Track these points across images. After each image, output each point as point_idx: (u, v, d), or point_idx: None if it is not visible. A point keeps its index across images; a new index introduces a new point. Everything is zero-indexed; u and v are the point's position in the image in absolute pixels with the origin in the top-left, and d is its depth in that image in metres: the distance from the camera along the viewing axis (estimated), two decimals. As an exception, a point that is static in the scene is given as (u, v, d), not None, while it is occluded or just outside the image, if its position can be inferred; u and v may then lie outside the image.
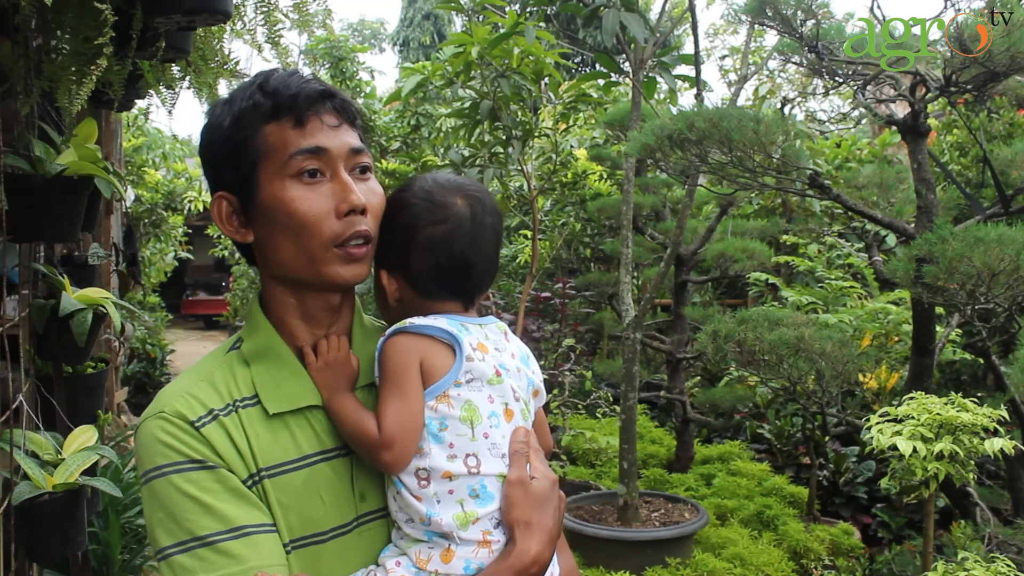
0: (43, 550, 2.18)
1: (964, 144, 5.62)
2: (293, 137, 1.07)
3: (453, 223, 1.12)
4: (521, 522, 1.04)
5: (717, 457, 5.24)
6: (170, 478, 1.01)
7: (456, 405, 1.07)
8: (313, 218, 1.06)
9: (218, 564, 0.98)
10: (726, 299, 7.50)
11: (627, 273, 4.01)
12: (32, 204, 2.13)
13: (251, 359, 1.11)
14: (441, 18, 22.94)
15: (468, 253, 1.13)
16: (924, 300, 2.96)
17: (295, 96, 1.07)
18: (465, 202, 1.14)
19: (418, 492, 1.05)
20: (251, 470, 1.04)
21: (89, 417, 2.61)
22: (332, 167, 1.09)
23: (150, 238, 7.66)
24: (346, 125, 1.12)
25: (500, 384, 1.11)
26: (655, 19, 4.02)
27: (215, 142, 1.12)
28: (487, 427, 1.07)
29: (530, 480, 1.07)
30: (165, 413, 1.05)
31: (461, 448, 1.06)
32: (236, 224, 1.12)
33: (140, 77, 2.60)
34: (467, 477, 1.05)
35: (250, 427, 1.06)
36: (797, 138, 3.24)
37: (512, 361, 1.15)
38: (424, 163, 6.04)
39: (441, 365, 1.08)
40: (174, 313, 12.44)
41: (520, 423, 1.12)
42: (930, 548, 2.93)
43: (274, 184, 1.07)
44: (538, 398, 1.20)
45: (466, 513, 1.04)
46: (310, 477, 1.07)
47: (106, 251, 3.42)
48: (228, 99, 1.13)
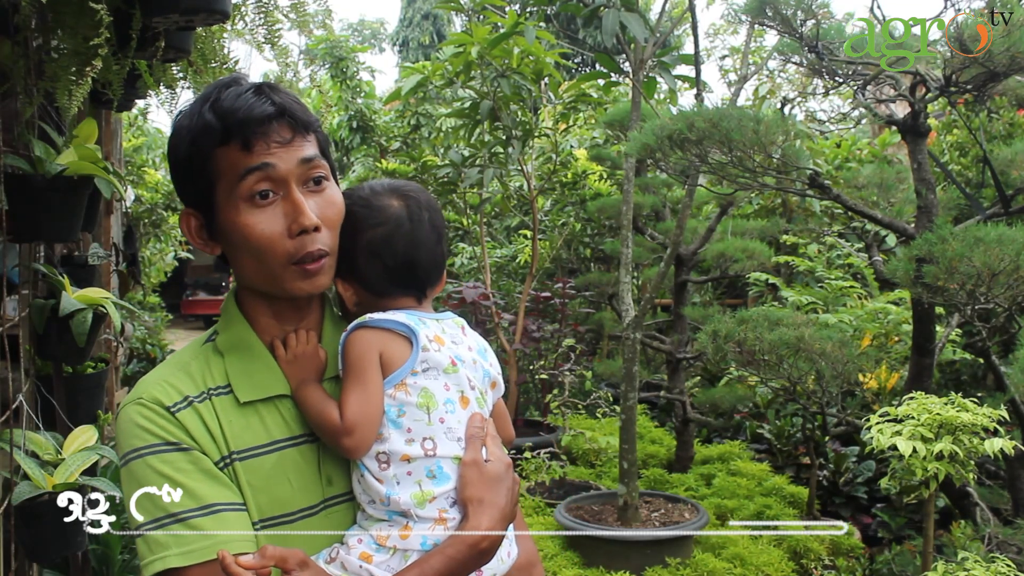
0: (43, 550, 2.18)
1: (964, 144, 5.61)
2: (242, 160, 1.10)
3: (392, 224, 1.20)
4: (474, 500, 1.11)
5: (717, 457, 5.24)
6: (147, 459, 1.08)
7: (413, 392, 1.14)
8: (267, 240, 1.11)
9: (189, 539, 1.04)
10: (726, 299, 7.50)
11: (627, 273, 4.01)
12: (32, 204, 2.13)
13: (225, 351, 1.18)
14: (441, 18, 22.93)
15: (410, 250, 1.20)
16: (924, 300, 2.96)
17: (243, 121, 1.09)
18: (401, 202, 1.22)
19: (379, 475, 1.12)
20: (223, 453, 1.11)
21: (89, 417, 2.61)
22: (283, 185, 1.11)
23: (150, 238, 7.66)
24: (299, 138, 1.13)
25: (456, 373, 1.18)
26: (655, 19, 4.02)
27: (176, 160, 1.16)
28: (443, 412, 1.15)
29: (484, 462, 1.14)
30: (143, 399, 1.12)
31: (418, 432, 1.13)
32: (204, 238, 1.18)
33: (140, 77, 2.60)
34: (424, 459, 1.12)
35: (223, 413, 1.13)
36: (797, 138, 3.24)
37: (468, 353, 1.22)
38: (424, 163, 6.04)
39: (399, 356, 1.15)
40: (174, 313, 12.43)
41: (476, 410, 1.19)
42: (930, 548, 2.93)
43: (228, 207, 1.12)
44: (496, 389, 1.27)
45: (423, 492, 1.11)
46: (279, 461, 1.13)
47: (106, 251, 3.42)
48: (186, 114, 1.14)
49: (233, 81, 1.15)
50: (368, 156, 7.62)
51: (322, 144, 1.18)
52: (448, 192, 5.76)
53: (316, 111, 3.19)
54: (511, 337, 5.57)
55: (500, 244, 8.44)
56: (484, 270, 5.93)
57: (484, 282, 5.73)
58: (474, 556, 1.09)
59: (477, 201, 5.59)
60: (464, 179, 5.24)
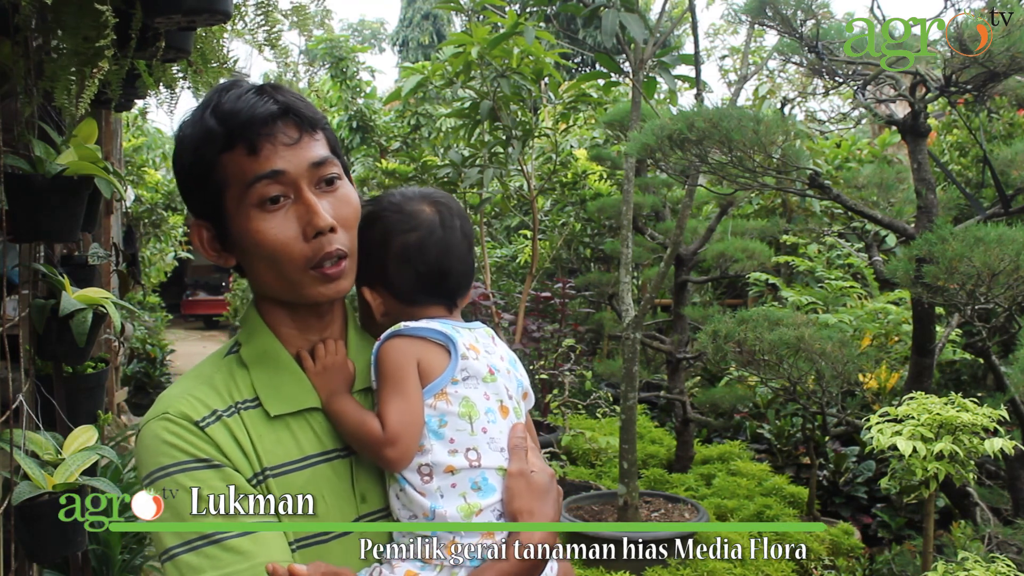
0: (43, 550, 2.18)
1: (964, 144, 5.61)
2: (249, 165, 1.05)
3: (424, 229, 1.17)
4: (524, 512, 1.07)
5: (717, 457, 5.24)
6: (175, 477, 1.02)
7: (454, 401, 1.10)
8: (282, 245, 1.06)
9: (226, 561, 0.98)
10: (726, 299, 7.50)
11: (627, 273, 4.01)
12: (32, 204, 2.13)
13: (250, 363, 1.13)
14: (441, 18, 22.93)
15: (443, 257, 1.17)
16: (924, 300, 2.96)
17: (247, 122, 1.04)
18: (433, 209, 1.19)
19: (422, 488, 1.08)
20: (255, 469, 1.06)
21: (89, 417, 2.61)
22: (295, 188, 1.07)
23: (150, 238, 7.66)
24: (306, 137, 1.08)
25: (494, 382, 1.15)
26: (655, 19, 4.02)
27: (182, 171, 1.11)
28: (485, 422, 1.11)
29: (530, 473, 1.10)
30: (169, 414, 1.05)
31: (461, 443, 1.10)
32: (217, 250, 1.14)
33: (139, 77, 2.60)
34: (469, 470, 1.09)
35: (252, 428, 1.08)
36: (797, 138, 3.24)
37: (502, 363, 1.19)
38: (424, 163, 6.04)
39: (438, 364, 1.12)
40: (174, 313, 12.42)
41: (515, 421, 1.16)
42: (930, 548, 2.93)
43: (239, 215, 1.07)
44: (528, 400, 1.23)
45: (469, 505, 1.08)
46: (312, 477, 1.08)
47: (106, 251, 3.42)
48: (188, 122, 1.10)
49: (234, 84, 1.10)
50: (368, 156, 7.62)
51: (331, 142, 1.13)
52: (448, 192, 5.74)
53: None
54: (511, 337, 5.57)
55: (500, 244, 8.44)
56: (484, 270, 5.93)
57: (484, 282, 5.73)
58: (527, 570, 1.05)
59: (477, 201, 5.59)
60: (464, 179, 5.24)
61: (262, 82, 1.12)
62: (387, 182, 6.31)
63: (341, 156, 1.15)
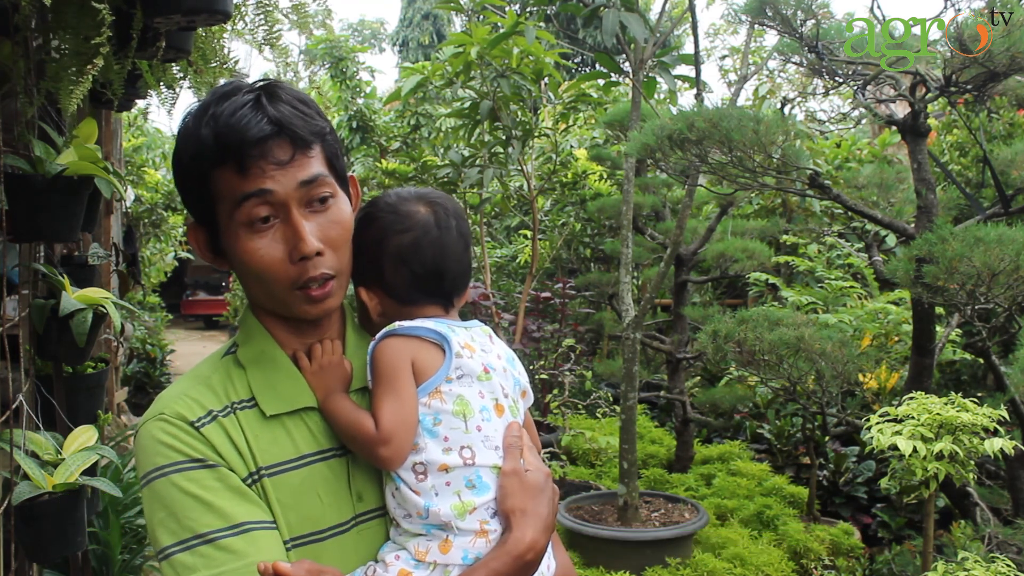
0: (43, 550, 2.18)
1: (964, 144, 5.61)
2: (238, 184, 1.04)
3: (420, 229, 1.17)
4: (517, 510, 1.07)
5: (717, 457, 5.24)
6: (171, 477, 1.03)
7: (448, 400, 1.11)
8: (268, 266, 1.07)
9: (220, 560, 0.99)
10: (726, 299, 7.50)
11: (627, 273, 4.01)
12: (32, 204, 2.13)
13: (247, 363, 1.14)
14: (440, 18, 22.93)
15: (438, 257, 1.17)
16: (924, 300, 2.96)
17: (239, 142, 1.03)
18: (428, 209, 1.19)
19: (416, 486, 1.09)
20: (250, 469, 1.06)
21: (89, 417, 2.61)
22: (283, 209, 1.06)
23: (150, 238, 7.66)
24: (300, 156, 1.06)
25: (489, 381, 1.15)
26: (655, 19, 4.02)
27: (179, 175, 1.11)
28: (479, 420, 1.11)
29: (524, 471, 1.11)
30: (165, 415, 1.07)
31: (455, 441, 1.10)
32: (212, 254, 1.15)
33: (140, 77, 2.60)
34: (463, 468, 1.09)
35: (248, 428, 1.08)
36: (797, 138, 3.24)
37: (498, 362, 1.19)
38: (424, 163, 6.04)
39: (432, 363, 1.12)
40: (174, 313, 12.43)
41: (510, 419, 1.16)
42: (930, 548, 2.93)
43: (229, 231, 1.08)
44: (526, 398, 1.24)
45: (463, 503, 1.07)
46: (308, 476, 1.09)
47: (106, 251, 3.42)
48: (188, 122, 1.09)
49: (233, 90, 1.07)
50: (368, 156, 7.62)
51: (330, 153, 1.11)
52: (448, 192, 5.75)
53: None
54: (511, 337, 5.57)
55: (500, 244, 8.44)
56: (484, 270, 5.93)
57: (484, 282, 5.73)
58: (520, 569, 1.04)
59: (477, 201, 5.59)
60: (464, 179, 5.24)
61: (263, 82, 1.10)
62: (387, 182, 6.31)
63: (340, 166, 1.14)
